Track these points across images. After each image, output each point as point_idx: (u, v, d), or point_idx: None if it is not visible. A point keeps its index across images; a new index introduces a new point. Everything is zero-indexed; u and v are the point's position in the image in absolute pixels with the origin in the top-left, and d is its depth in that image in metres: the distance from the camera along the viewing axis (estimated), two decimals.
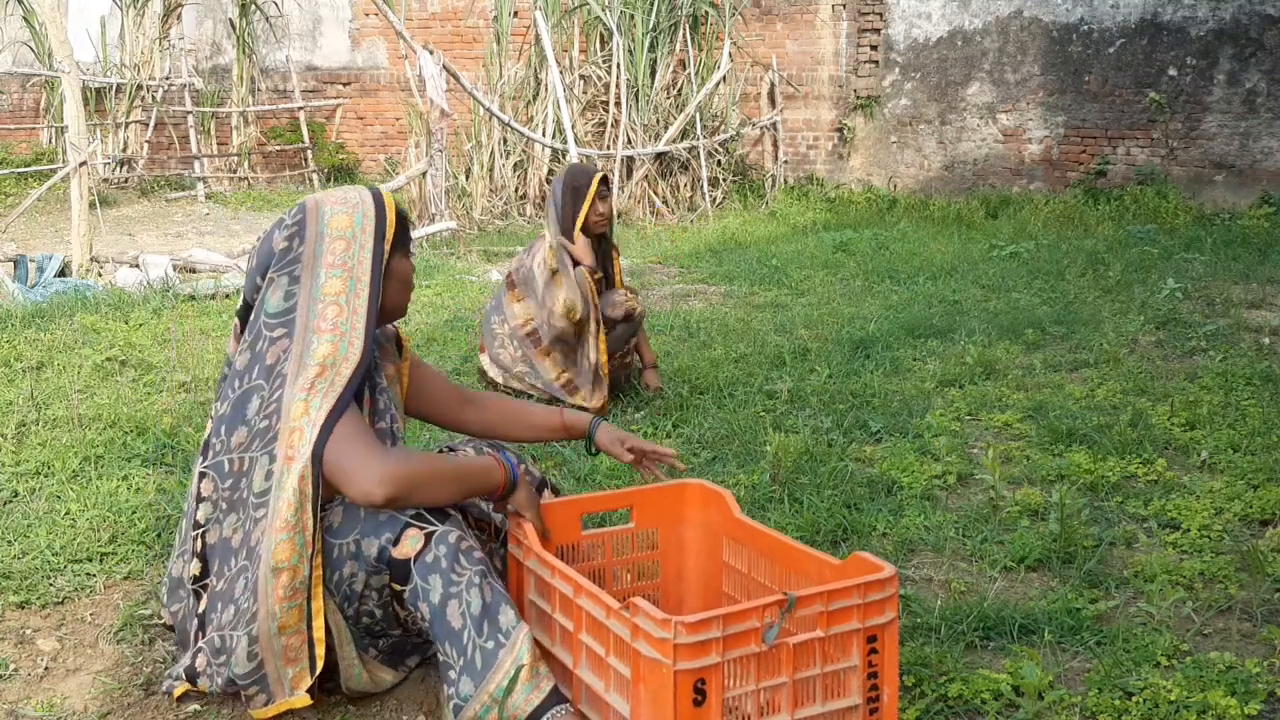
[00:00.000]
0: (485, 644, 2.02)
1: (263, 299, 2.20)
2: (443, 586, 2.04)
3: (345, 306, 2.16)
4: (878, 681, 2.00)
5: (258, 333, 2.19)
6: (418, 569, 2.06)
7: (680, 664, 1.81)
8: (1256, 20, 10.22)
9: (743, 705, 1.90)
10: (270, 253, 2.23)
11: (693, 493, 2.46)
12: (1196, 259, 7.63)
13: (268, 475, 2.10)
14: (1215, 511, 3.20)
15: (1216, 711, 2.19)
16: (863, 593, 1.96)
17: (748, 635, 1.87)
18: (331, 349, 2.12)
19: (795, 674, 1.92)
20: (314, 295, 2.16)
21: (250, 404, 2.15)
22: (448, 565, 2.05)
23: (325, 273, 2.18)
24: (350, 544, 2.10)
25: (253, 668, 2.11)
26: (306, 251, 2.20)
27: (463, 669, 2.02)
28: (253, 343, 2.19)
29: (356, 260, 2.20)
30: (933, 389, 4.55)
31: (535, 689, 2.02)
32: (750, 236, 9.27)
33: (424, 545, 2.07)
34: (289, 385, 2.10)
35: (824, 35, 11.81)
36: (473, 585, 2.05)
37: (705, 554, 2.45)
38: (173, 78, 13.57)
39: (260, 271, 2.23)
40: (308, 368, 2.11)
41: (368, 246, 2.21)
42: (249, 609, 2.10)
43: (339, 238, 2.21)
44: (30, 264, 7.50)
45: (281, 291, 2.19)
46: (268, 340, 2.17)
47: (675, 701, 1.82)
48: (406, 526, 2.08)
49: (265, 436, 2.11)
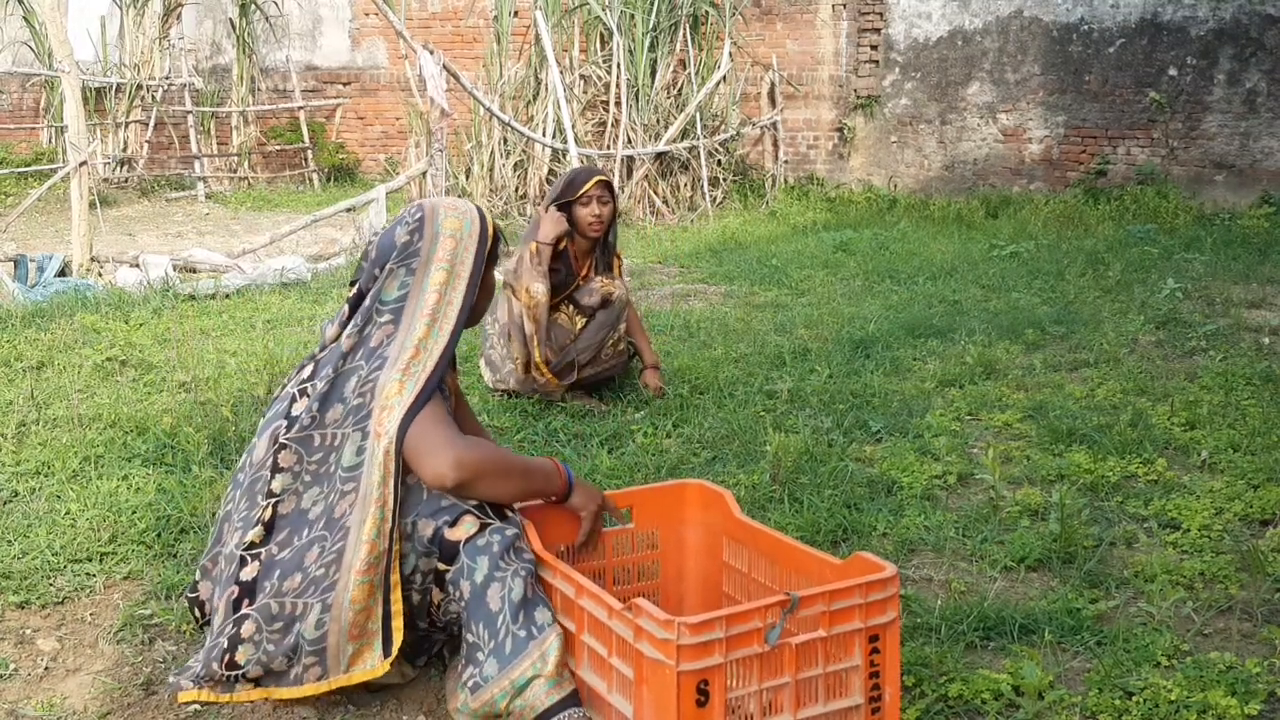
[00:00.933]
0: (519, 631, 2.08)
1: (379, 288, 2.33)
2: (489, 568, 2.13)
3: (444, 296, 2.32)
4: (880, 681, 2.00)
5: (369, 319, 2.32)
6: (466, 550, 2.15)
7: (684, 665, 1.82)
8: (1257, 20, 10.21)
9: (745, 705, 1.90)
10: (391, 246, 2.37)
11: (692, 493, 2.47)
12: (1196, 259, 7.63)
13: (359, 451, 2.20)
14: (1215, 511, 3.20)
15: (1217, 711, 2.19)
16: (864, 592, 1.96)
17: (750, 636, 1.87)
18: (426, 331, 2.27)
19: (798, 674, 1.93)
20: (424, 287, 2.32)
21: (349, 383, 2.27)
22: (499, 551, 2.14)
23: (435, 265, 2.34)
24: (407, 525, 2.19)
25: (318, 636, 2.15)
26: (424, 247, 2.35)
27: (492, 651, 2.08)
28: (362, 327, 2.31)
29: (460, 259, 2.36)
30: (933, 389, 4.55)
31: (557, 687, 2.06)
32: (750, 236, 9.27)
33: (478, 531, 2.16)
34: (388, 368, 2.24)
35: (824, 35, 11.81)
36: (519, 575, 2.13)
37: (705, 554, 2.45)
38: (173, 77, 13.57)
39: (380, 263, 2.36)
40: (406, 350, 2.25)
41: (472, 248, 2.38)
42: (326, 578, 2.15)
43: (449, 236, 2.37)
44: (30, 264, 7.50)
45: (397, 282, 2.33)
46: (376, 325, 2.30)
47: (679, 702, 1.82)
48: (465, 513, 2.18)
49: (359, 414, 2.23)
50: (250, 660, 2.19)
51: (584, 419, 4.14)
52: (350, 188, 13.26)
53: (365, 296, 2.35)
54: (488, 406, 4.28)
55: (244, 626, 2.20)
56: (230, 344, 5.26)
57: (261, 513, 2.25)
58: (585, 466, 3.57)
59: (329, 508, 2.20)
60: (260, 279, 7.00)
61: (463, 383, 4.53)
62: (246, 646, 2.19)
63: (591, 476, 3.47)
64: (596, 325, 4.29)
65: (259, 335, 5.47)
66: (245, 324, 5.77)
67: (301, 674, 2.17)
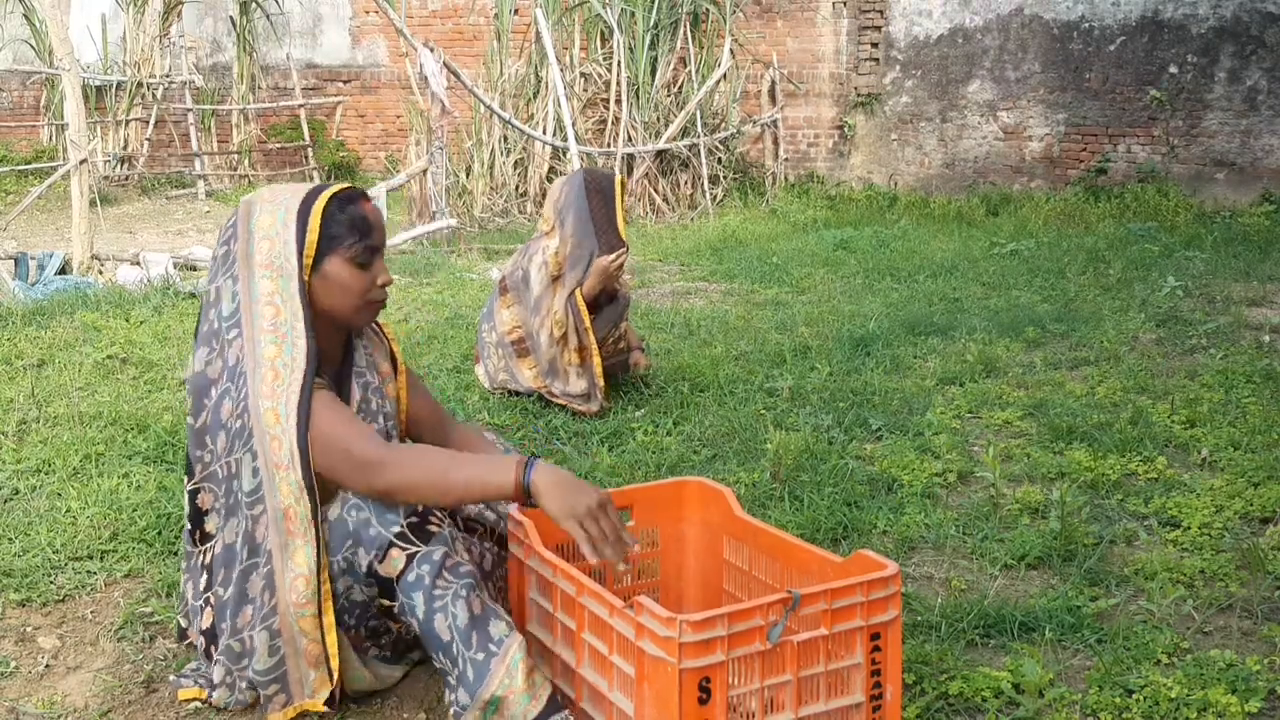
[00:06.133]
0: (475, 656, 2.01)
1: (218, 306, 2.20)
2: (425, 601, 2.04)
3: (282, 307, 2.15)
4: (881, 679, 1.99)
5: (220, 338, 2.18)
6: (401, 588, 2.06)
7: (685, 662, 1.81)
8: (1257, 18, 10.20)
9: (747, 703, 1.90)
10: (215, 258, 2.25)
11: (692, 491, 2.46)
12: (1197, 257, 7.62)
13: (254, 473, 2.11)
14: (1216, 509, 3.20)
15: (1217, 709, 2.20)
16: (866, 590, 1.96)
17: (752, 633, 1.87)
18: (277, 350, 2.12)
19: (799, 672, 1.92)
20: (253, 296, 2.16)
21: (224, 408, 2.15)
22: (430, 582, 2.04)
23: (259, 272, 2.17)
24: (342, 560, 2.11)
25: (274, 663, 2.12)
26: (240, 250, 2.19)
27: (459, 679, 2.03)
28: (219, 349, 2.18)
29: (283, 259, 2.17)
30: (933, 387, 4.55)
31: (533, 700, 2.02)
32: (751, 234, 9.26)
33: (405, 565, 2.06)
34: (250, 383, 2.11)
35: (824, 33, 11.80)
36: (459, 598, 2.03)
37: (705, 552, 2.45)
38: (173, 75, 13.57)
39: (211, 280, 2.24)
40: (261, 366, 2.12)
41: (291, 244, 2.17)
42: (265, 604, 2.11)
43: (265, 237, 2.19)
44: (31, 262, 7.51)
45: (229, 293, 2.19)
46: (226, 343, 2.17)
47: (680, 700, 1.82)
48: (391, 546, 2.07)
49: (243, 436, 2.11)
50: (229, 702, 2.20)
51: (584, 417, 4.13)
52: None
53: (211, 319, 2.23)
54: (488, 405, 4.27)
55: (215, 671, 2.20)
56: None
57: (200, 559, 2.23)
58: (585, 465, 3.57)
59: (248, 534, 2.12)
60: None
61: (463, 382, 4.53)
62: (221, 691, 2.20)
63: (592, 474, 3.46)
64: (602, 319, 4.27)
65: None
66: None
67: (267, 702, 2.16)
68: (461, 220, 9.60)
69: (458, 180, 10.55)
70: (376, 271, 2.25)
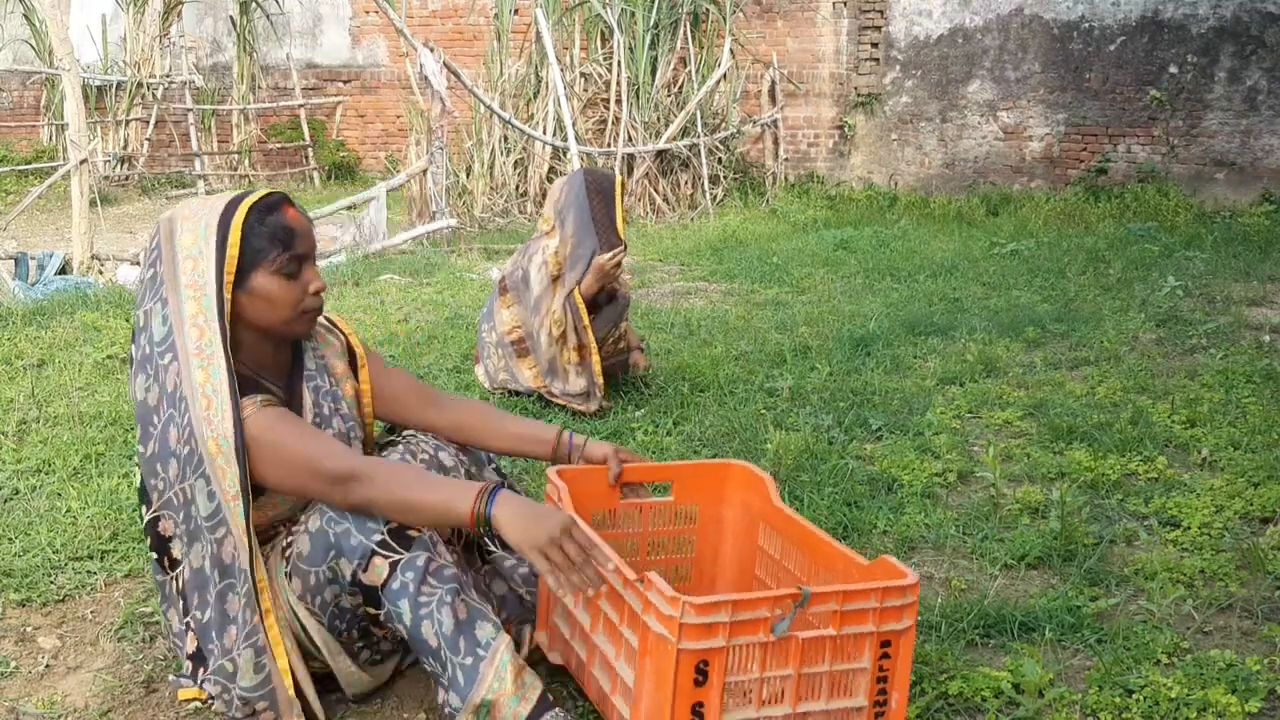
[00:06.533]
0: (464, 660, 2.01)
1: (148, 330, 2.14)
2: (411, 610, 2.03)
3: (205, 328, 2.09)
4: (887, 686, 1.99)
5: (154, 364, 2.12)
6: (386, 596, 2.05)
7: (684, 643, 1.84)
8: (1258, 18, 10.21)
9: (744, 690, 1.91)
10: (142, 280, 2.19)
11: (735, 473, 2.48)
12: (1197, 257, 7.62)
13: (210, 496, 2.07)
14: (1216, 509, 3.20)
15: (1217, 709, 2.19)
16: (880, 597, 1.94)
17: (756, 624, 1.88)
18: (205, 375, 2.07)
19: (801, 668, 1.93)
20: (181, 317, 2.10)
21: (170, 435, 2.10)
22: (415, 589, 2.03)
23: (185, 294, 2.10)
24: (326, 570, 2.09)
25: (260, 680, 2.10)
26: (166, 271, 2.13)
27: (449, 684, 2.03)
28: (155, 375, 2.12)
29: (206, 279, 2.10)
30: (933, 386, 4.55)
31: (523, 700, 2.02)
32: (751, 234, 9.26)
33: (389, 573, 2.05)
34: (192, 409, 2.07)
35: (825, 33, 11.81)
36: (444, 604, 2.03)
37: (743, 535, 2.47)
38: (173, 75, 13.57)
39: (139, 304, 2.18)
40: (196, 393, 2.07)
41: (211, 261, 2.10)
42: (249, 620, 2.09)
43: (188, 256, 2.12)
44: (31, 262, 7.51)
45: (159, 317, 2.12)
46: (162, 369, 2.11)
47: (676, 678, 1.85)
48: (373, 554, 2.05)
49: (193, 462, 2.07)
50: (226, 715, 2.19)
51: (584, 417, 4.13)
52: (351, 185, 13.26)
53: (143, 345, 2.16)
54: None
55: (210, 689, 2.18)
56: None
57: (174, 586, 2.20)
58: None
59: (215, 557, 2.10)
60: None
61: (463, 382, 4.53)
62: (218, 705, 2.19)
63: None
64: (602, 319, 4.27)
65: None
66: None
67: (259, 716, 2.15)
68: (461, 220, 9.60)
69: (458, 180, 10.55)
70: (307, 280, 2.19)
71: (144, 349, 2.14)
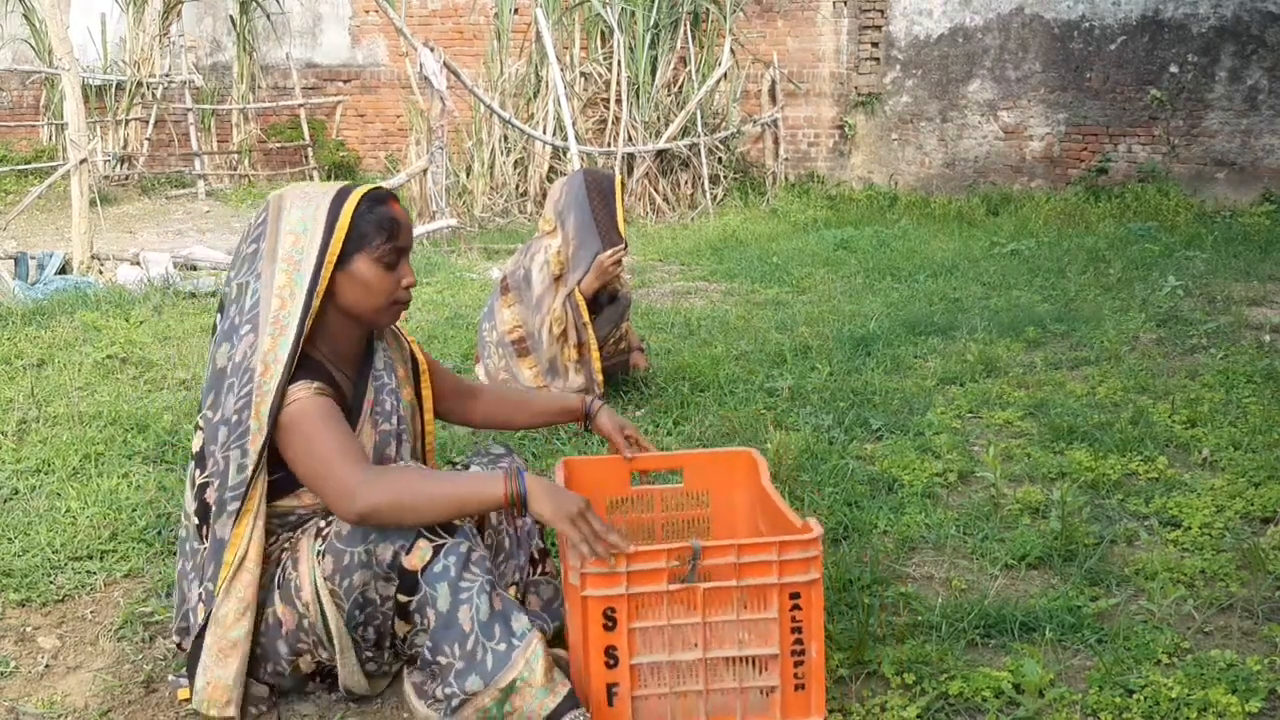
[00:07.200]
0: (497, 646, 2.04)
1: (239, 302, 2.20)
2: (451, 594, 2.05)
3: (289, 300, 2.16)
4: (803, 636, 2.11)
5: (237, 333, 2.18)
6: (426, 579, 2.07)
7: (588, 590, 2.04)
8: (1258, 17, 10.20)
9: (658, 636, 2.07)
10: (241, 254, 2.25)
11: (743, 460, 2.62)
12: (1197, 256, 7.62)
13: (239, 469, 2.12)
14: (1216, 509, 3.20)
15: (1217, 709, 2.19)
16: (780, 550, 2.08)
17: (655, 574, 2.05)
18: (272, 343, 2.13)
19: (707, 616, 2.07)
20: (271, 288, 2.17)
21: (229, 402, 2.15)
22: (456, 575, 2.06)
23: (279, 265, 2.18)
24: (361, 552, 2.09)
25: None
26: (267, 247, 2.20)
27: (467, 669, 2.03)
28: (235, 345, 2.18)
29: (304, 255, 2.18)
30: (934, 386, 4.55)
31: (551, 693, 2.04)
32: (751, 234, 9.26)
33: (432, 557, 2.07)
34: (255, 379, 2.13)
35: (825, 32, 11.80)
36: (483, 591, 2.07)
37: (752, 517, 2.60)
38: (173, 75, 13.57)
39: (236, 276, 2.24)
40: (260, 360, 2.13)
41: (316, 240, 2.18)
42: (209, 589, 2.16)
43: (290, 232, 2.20)
44: (31, 261, 7.50)
45: (249, 290, 2.19)
46: (239, 338, 2.17)
47: (585, 622, 2.05)
48: (419, 537, 2.08)
49: (238, 430, 2.13)
50: None
51: None
52: None
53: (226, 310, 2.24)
54: None
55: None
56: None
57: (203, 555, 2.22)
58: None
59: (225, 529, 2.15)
60: None
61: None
62: None
63: None
64: (603, 320, 4.28)
65: None
66: None
67: None
68: (461, 220, 9.60)
69: (458, 180, 10.55)
70: (402, 273, 2.27)
71: (232, 320, 2.20)
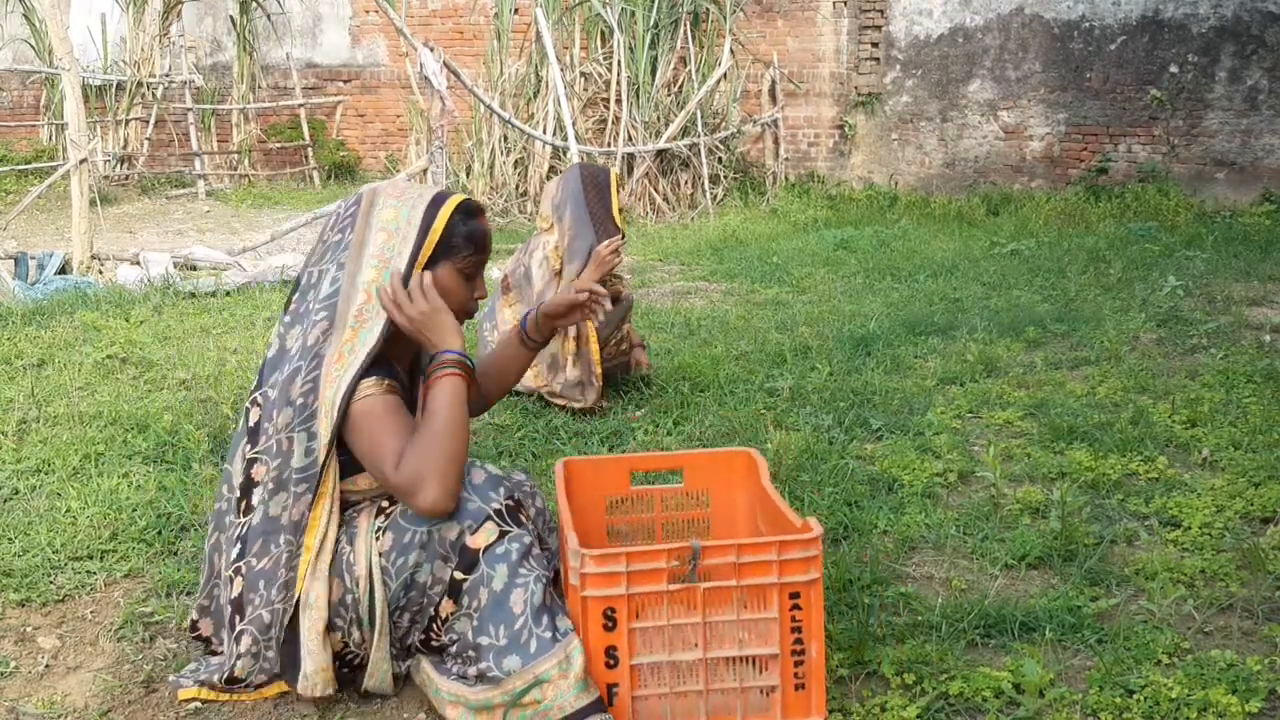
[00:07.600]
0: (543, 633, 2.07)
1: (317, 289, 2.25)
2: (508, 575, 2.12)
3: (375, 295, 2.21)
4: (803, 636, 2.09)
5: (309, 318, 2.23)
6: (486, 558, 2.13)
7: (589, 590, 2.03)
8: (1258, 17, 10.20)
9: (659, 636, 2.06)
10: (325, 242, 2.31)
11: (742, 460, 2.62)
12: (1198, 256, 7.62)
13: (307, 452, 2.16)
14: (1216, 509, 3.20)
15: (1217, 709, 2.19)
16: (779, 550, 2.06)
17: (656, 574, 2.04)
18: (352, 334, 2.18)
19: (708, 616, 2.06)
20: (354, 283, 2.22)
21: (294, 385, 2.19)
22: (517, 560, 2.13)
23: (368, 261, 2.23)
24: (424, 532, 2.15)
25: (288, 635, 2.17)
26: (355, 240, 2.26)
27: (508, 649, 2.07)
28: (305, 330, 2.23)
29: (396, 254, 2.23)
30: (934, 386, 4.55)
31: (585, 692, 2.06)
32: (751, 234, 9.26)
33: (497, 539, 2.14)
34: (324, 365, 2.17)
35: (825, 32, 11.80)
36: (540, 580, 2.13)
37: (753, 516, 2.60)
38: (173, 75, 13.56)
39: (314, 264, 2.29)
40: (335, 350, 2.17)
41: (410, 241, 2.24)
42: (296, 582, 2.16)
43: (382, 229, 2.26)
44: (31, 261, 7.50)
45: (329, 278, 2.24)
46: (311, 323, 2.21)
47: (586, 622, 2.05)
48: (488, 519, 2.15)
49: (304, 414, 2.17)
50: (251, 671, 2.22)
51: (584, 417, 4.13)
52: (351, 185, 13.26)
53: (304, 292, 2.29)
54: None
55: (242, 642, 2.21)
56: (231, 341, 5.26)
57: (238, 530, 2.25)
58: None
59: (289, 511, 2.17)
60: (261, 276, 7.01)
61: None
62: (245, 660, 2.21)
63: None
64: (605, 321, 4.27)
65: (259, 333, 5.48)
66: (246, 321, 5.77)
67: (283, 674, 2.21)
68: None
69: (458, 180, 10.55)
70: (476, 285, 2.36)
71: (308, 304, 2.25)
